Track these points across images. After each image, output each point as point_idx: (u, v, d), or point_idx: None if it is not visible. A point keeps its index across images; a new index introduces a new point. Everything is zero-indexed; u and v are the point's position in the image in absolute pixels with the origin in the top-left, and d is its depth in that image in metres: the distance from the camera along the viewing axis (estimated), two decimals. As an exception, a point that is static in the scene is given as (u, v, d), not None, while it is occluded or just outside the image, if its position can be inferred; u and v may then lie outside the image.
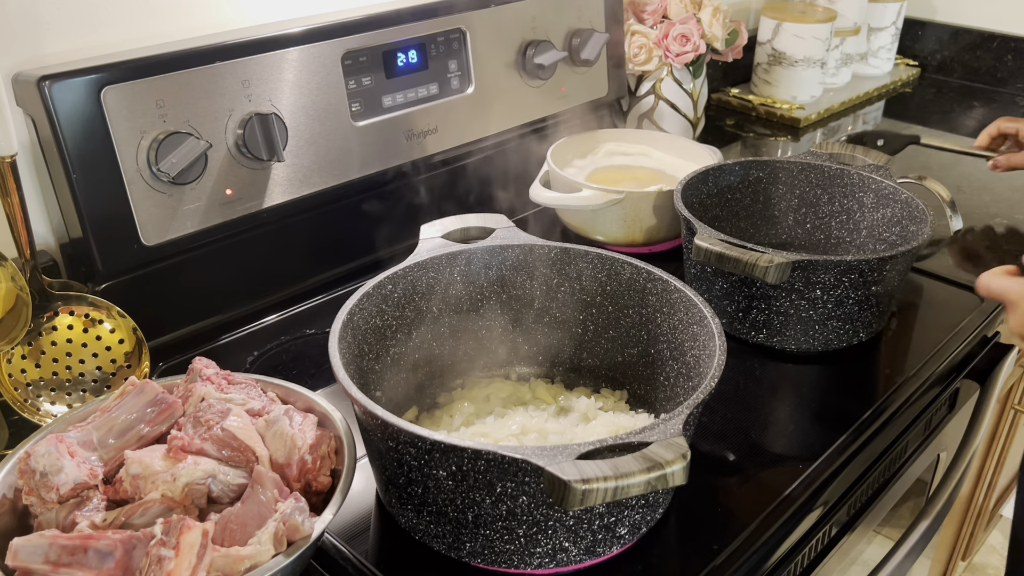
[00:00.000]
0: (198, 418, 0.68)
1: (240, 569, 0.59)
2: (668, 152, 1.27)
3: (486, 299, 0.88)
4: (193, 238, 0.93)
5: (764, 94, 1.69)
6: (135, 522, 0.62)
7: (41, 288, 0.83)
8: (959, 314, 1.03)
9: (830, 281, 0.89)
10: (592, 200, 1.08)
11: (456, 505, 0.65)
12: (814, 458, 0.81)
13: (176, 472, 0.64)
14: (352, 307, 0.76)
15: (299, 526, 0.61)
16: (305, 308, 1.04)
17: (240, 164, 0.94)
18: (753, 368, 0.94)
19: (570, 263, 0.86)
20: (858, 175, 1.06)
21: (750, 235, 1.12)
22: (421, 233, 0.89)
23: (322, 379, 0.91)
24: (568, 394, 0.88)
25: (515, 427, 0.80)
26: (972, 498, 1.55)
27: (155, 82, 0.86)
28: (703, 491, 0.77)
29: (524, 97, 1.21)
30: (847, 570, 0.94)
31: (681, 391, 0.78)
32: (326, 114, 1.00)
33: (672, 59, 1.36)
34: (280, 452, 0.68)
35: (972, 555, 1.81)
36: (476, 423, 0.82)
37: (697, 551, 0.71)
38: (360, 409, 0.66)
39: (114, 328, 0.86)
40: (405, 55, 1.06)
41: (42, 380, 0.82)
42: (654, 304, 0.82)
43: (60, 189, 0.86)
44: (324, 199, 1.03)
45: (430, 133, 1.11)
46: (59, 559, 0.58)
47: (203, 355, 0.80)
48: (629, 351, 0.86)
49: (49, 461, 0.63)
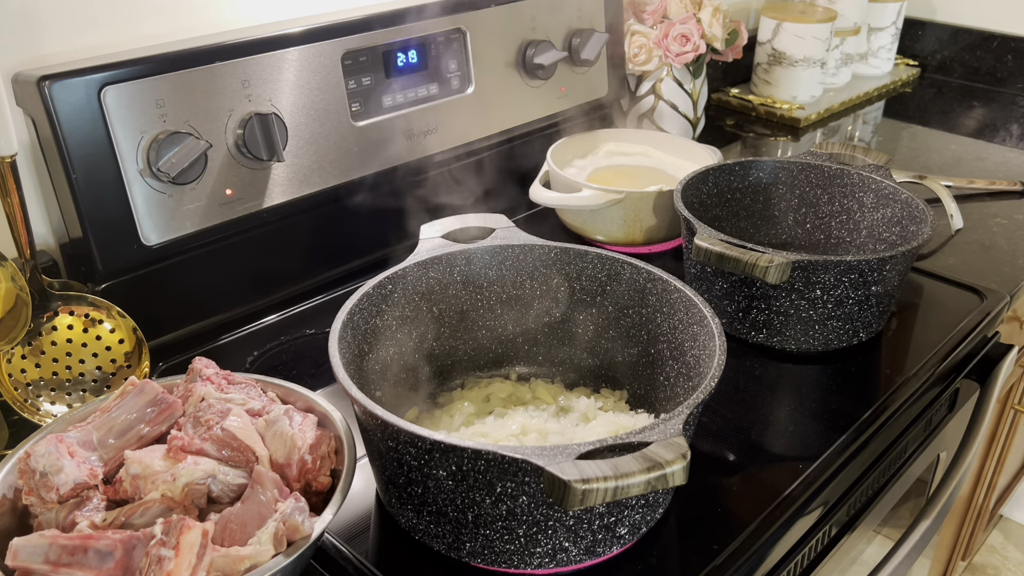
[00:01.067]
0: (198, 418, 0.68)
1: (240, 569, 0.59)
2: (668, 152, 1.27)
3: (486, 299, 0.88)
4: (193, 238, 0.93)
5: (764, 94, 1.69)
6: (135, 522, 0.62)
7: (41, 288, 0.83)
8: (959, 314, 1.03)
9: (830, 281, 0.89)
10: (592, 200, 1.08)
11: (456, 505, 0.65)
12: (814, 458, 0.81)
13: (176, 472, 0.64)
14: (352, 307, 0.76)
15: (299, 526, 0.61)
16: (305, 308, 1.04)
17: (240, 164, 0.94)
18: (753, 368, 0.94)
19: (570, 263, 0.86)
20: (858, 175, 1.06)
21: (750, 235, 1.12)
22: (421, 233, 0.89)
23: (322, 379, 0.91)
24: (568, 394, 0.88)
25: (515, 427, 0.80)
26: (972, 498, 1.55)
27: (155, 82, 0.86)
28: (703, 491, 0.77)
29: (524, 97, 1.21)
30: (847, 570, 0.94)
31: (681, 391, 0.78)
32: (326, 114, 1.00)
33: (672, 59, 1.36)
34: (280, 452, 0.68)
35: (972, 555, 1.81)
36: (476, 423, 0.82)
37: (697, 551, 0.71)
38: (360, 409, 0.66)
39: (114, 328, 0.86)
40: (405, 55, 1.06)
41: (42, 380, 0.82)
42: (654, 304, 0.82)
43: (60, 189, 0.86)
44: (324, 199, 1.03)
45: (430, 133, 1.11)
46: (59, 559, 0.58)
47: (203, 355, 0.81)
48: (629, 351, 0.86)
49: (49, 461, 0.63)
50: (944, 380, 0.98)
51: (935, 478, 1.09)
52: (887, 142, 1.57)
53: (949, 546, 1.61)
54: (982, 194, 1.33)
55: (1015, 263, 1.14)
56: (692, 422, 0.68)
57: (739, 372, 0.93)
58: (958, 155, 1.50)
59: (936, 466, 1.08)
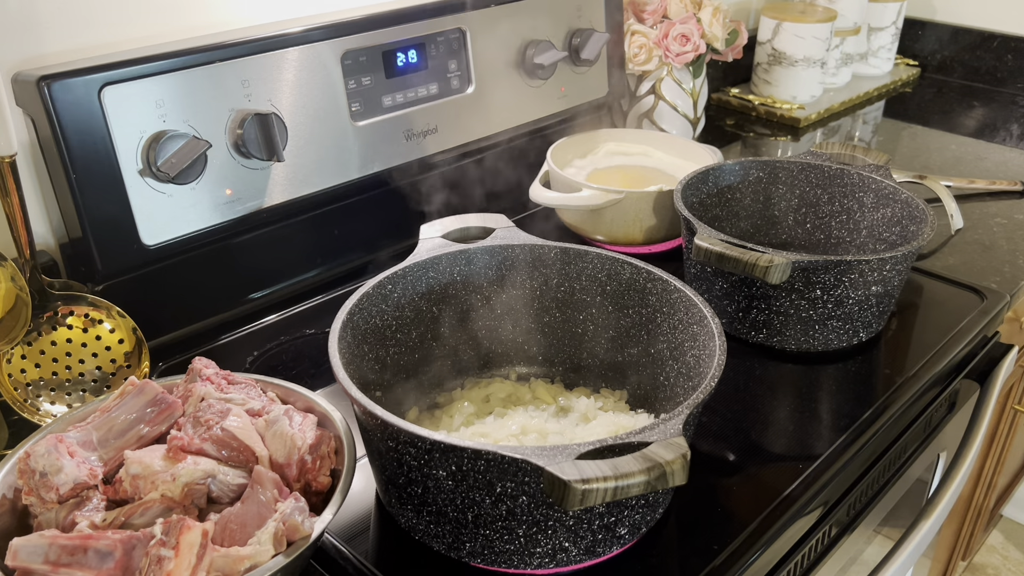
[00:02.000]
0: (198, 418, 0.68)
1: (240, 569, 0.59)
2: (668, 152, 1.27)
3: (486, 299, 0.88)
4: (193, 238, 0.93)
5: (764, 94, 1.69)
6: (135, 522, 0.62)
7: (41, 288, 0.82)
8: (959, 314, 1.03)
9: (830, 281, 0.89)
10: (592, 200, 1.08)
11: (456, 505, 0.65)
12: (814, 458, 0.81)
13: (176, 472, 0.64)
14: (352, 307, 0.76)
15: (299, 526, 0.61)
16: (305, 308, 1.04)
17: (240, 164, 0.94)
18: (753, 368, 0.94)
19: (570, 263, 0.86)
20: (858, 175, 1.06)
21: (750, 235, 1.12)
22: (421, 233, 0.89)
23: (322, 379, 0.91)
24: (568, 394, 0.88)
25: (515, 427, 0.80)
26: (972, 498, 1.55)
27: (155, 82, 0.86)
28: (703, 491, 0.77)
29: (524, 97, 1.21)
30: (847, 570, 0.94)
31: (681, 391, 0.78)
32: (326, 114, 1.00)
33: (672, 59, 1.36)
34: (280, 452, 0.68)
35: (972, 555, 1.81)
36: (476, 423, 0.82)
37: (697, 551, 0.71)
38: (360, 409, 0.66)
39: (114, 328, 0.86)
40: (405, 55, 1.06)
41: (42, 380, 0.82)
42: (654, 304, 0.82)
43: (60, 189, 0.86)
44: (324, 199, 1.03)
45: (430, 133, 1.11)
46: (59, 559, 0.58)
47: (203, 355, 0.81)
48: (629, 351, 0.86)
49: (49, 461, 0.63)
50: (944, 380, 0.98)
51: (935, 478, 1.09)
52: (887, 142, 1.57)
53: (949, 546, 1.61)
54: (982, 194, 1.33)
55: (1015, 263, 1.14)
56: (692, 422, 0.68)
57: (739, 372, 0.93)
58: (958, 155, 1.50)
59: (936, 466, 1.08)
